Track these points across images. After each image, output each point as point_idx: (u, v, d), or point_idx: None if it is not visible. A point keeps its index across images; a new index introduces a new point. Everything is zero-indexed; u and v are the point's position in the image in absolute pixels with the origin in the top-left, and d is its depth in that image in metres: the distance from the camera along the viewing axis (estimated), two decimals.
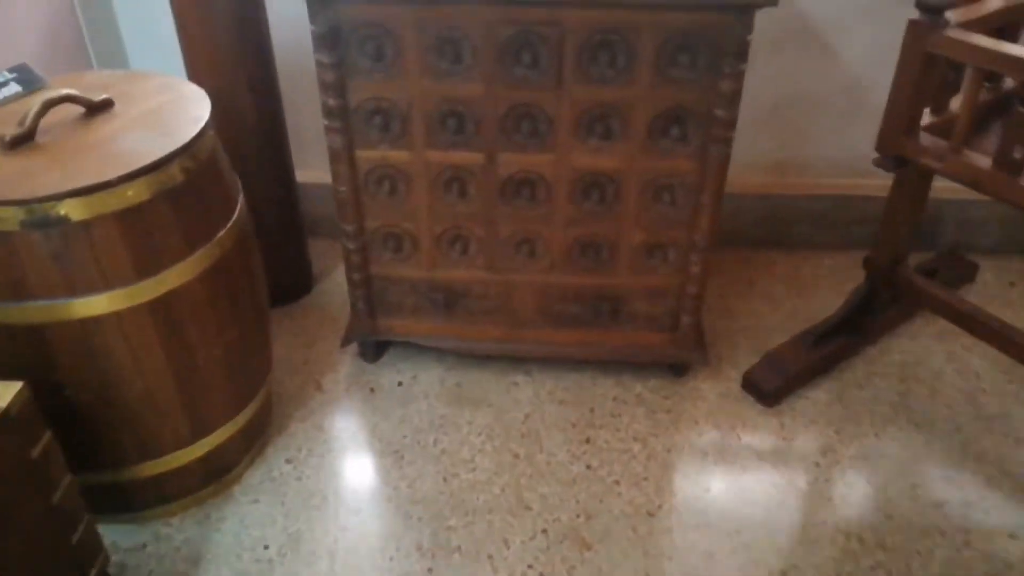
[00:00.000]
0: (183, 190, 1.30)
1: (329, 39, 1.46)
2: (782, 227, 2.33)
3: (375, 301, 1.83)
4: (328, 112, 1.55)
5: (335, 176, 1.63)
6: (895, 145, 1.49)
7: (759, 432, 1.78)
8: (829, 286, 2.22)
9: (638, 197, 1.63)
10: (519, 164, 1.61)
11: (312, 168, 2.15)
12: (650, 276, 1.74)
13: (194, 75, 1.79)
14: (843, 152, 2.24)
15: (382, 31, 1.47)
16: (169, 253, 1.30)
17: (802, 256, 2.33)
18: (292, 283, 2.12)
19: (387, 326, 1.86)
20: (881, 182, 2.27)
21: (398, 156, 1.61)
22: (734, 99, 1.49)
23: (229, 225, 1.41)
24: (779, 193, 2.27)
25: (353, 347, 1.93)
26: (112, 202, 1.21)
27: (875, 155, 1.58)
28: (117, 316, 1.27)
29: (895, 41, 2.03)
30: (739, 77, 1.46)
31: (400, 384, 1.88)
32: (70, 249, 1.20)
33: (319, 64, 1.49)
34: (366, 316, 1.84)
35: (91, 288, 1.24)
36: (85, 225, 1.20)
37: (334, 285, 2.18)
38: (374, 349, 1.92)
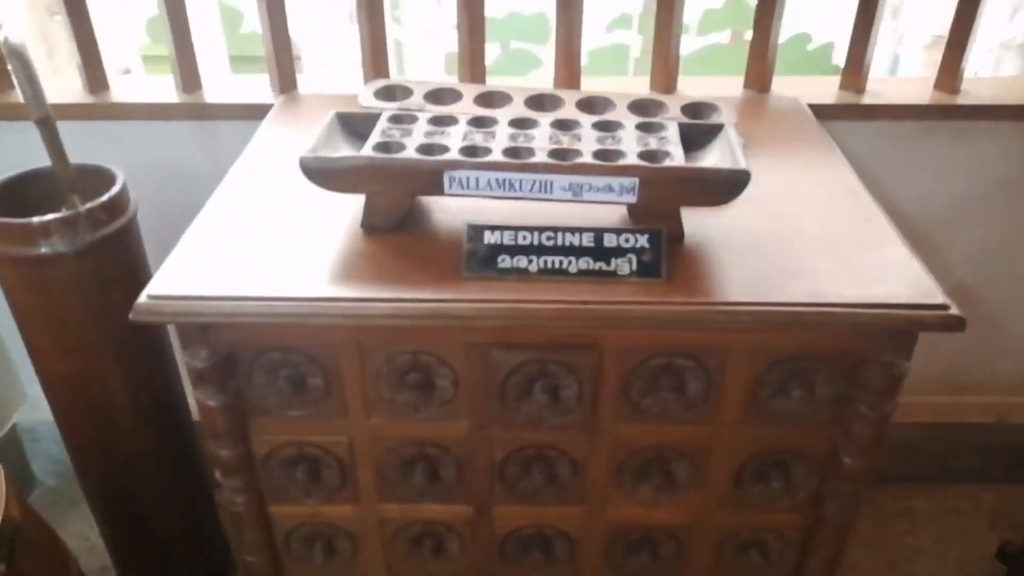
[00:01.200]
0: None
1: (216, 374, 0.89)
2: None
3: None
4: (220, 466, 0.97)
5: (238, 543, 1.04)
6: None
7: None
8: (931, 547, 1.66)
9: (712, 555, 1.07)
10: (527, 518, 1.03)
11: None
12: None
13: (38, 360, 1.21)
14: (940, 366, 1.70)
15: (304, 358, 0.89)
16: None
17: (888, 498, 1.77)
18: None
19: None
20: (992, 399, 1.76)
21: (336, 512, 1.03)
22: (874, 447, 0.93)
23: None
24: None
25: None
26: None
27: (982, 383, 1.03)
28: None
29: (1007, 243, 1.59)
30: (884, 421, 0.91)
31: None
32: None
33: (201, 406, 0.91)
34: None
35: None
36: None
37: None
38: None
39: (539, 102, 1.12)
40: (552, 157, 0.89)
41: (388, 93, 1.16)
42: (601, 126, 0.96)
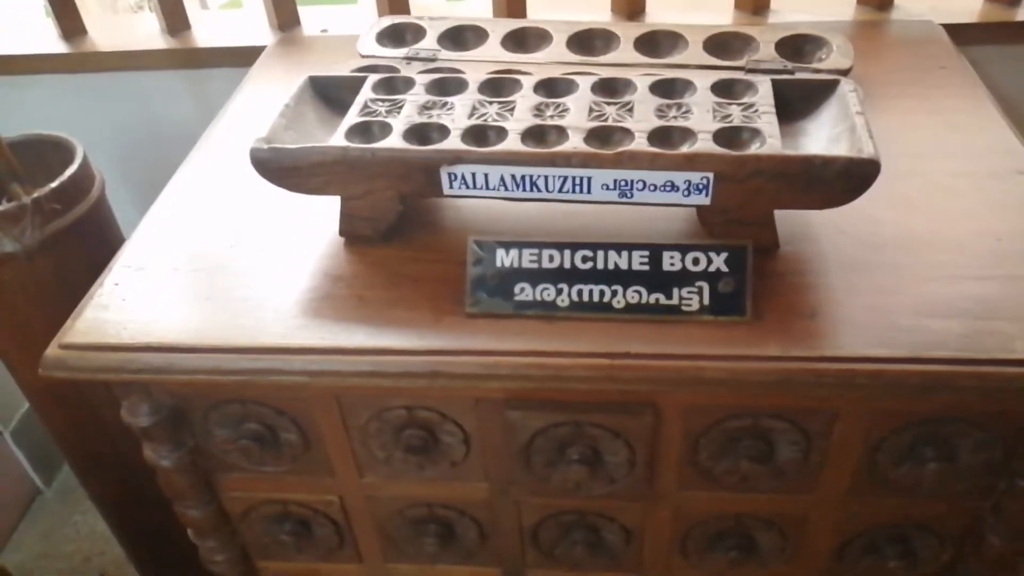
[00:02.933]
0: None
1: (163, 432, 0.70)
2: None
3: None
4: (190, 526, 0.80)
5: None
6: None
7: None
8: None
9: None
10: None
11: None
12: None
13: (14, 373, 1.06)
14: None
15: (270, 411, 0.69)
16: None
17: None
18: None
19: None
20: None
21: (337, 570, 0.85)
22: None
23: None
24: None
25: None
26: None
27: None
28: None
29: None
30: None
31: None
32: None
33: (154, 466, 0.73)
34: None
35: None
36: None
37: None
38: None
39: (585, 42, 0.86)
40: (591, 141, 0.64)
41: (395, 35, 0.92)
42: (662, 88, 0.69)
